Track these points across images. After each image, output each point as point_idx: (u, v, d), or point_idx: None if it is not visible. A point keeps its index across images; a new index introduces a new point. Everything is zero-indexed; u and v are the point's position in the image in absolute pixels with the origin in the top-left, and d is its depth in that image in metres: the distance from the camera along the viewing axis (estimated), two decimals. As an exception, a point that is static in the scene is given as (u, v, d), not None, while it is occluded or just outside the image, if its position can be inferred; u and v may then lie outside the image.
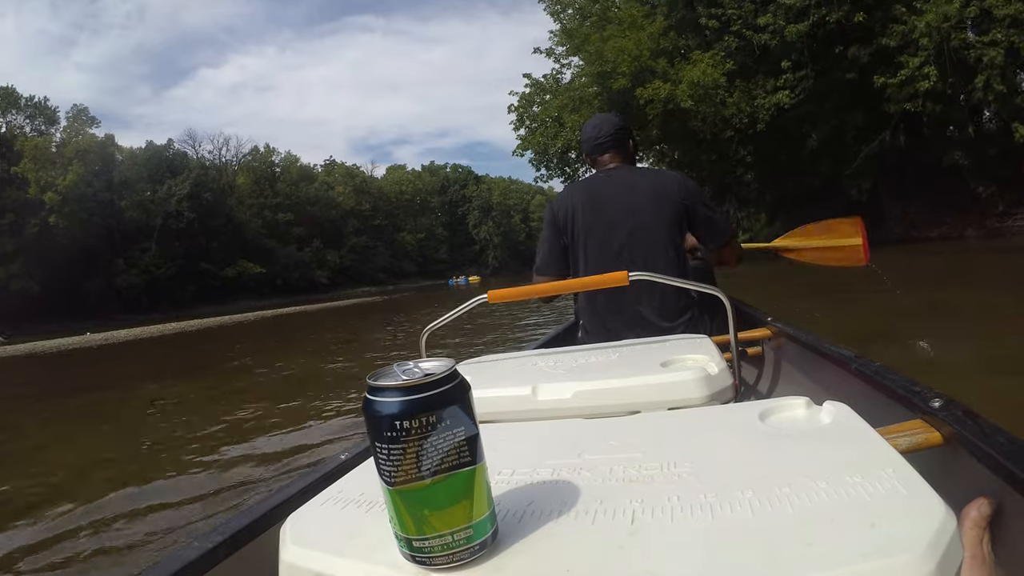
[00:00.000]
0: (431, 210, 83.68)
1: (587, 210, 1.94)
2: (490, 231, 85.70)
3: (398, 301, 29.98)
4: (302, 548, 0.51)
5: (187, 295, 51.27)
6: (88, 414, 6.05)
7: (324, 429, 4.12)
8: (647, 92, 18.97)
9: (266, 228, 60.71)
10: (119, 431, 5.07)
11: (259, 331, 18.06)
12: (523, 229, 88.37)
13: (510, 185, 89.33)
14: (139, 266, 50.16)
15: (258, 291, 55.12)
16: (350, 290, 60.99)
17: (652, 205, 1.89)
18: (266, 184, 63.45)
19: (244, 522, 0.84)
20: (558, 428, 0.78)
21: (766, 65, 19.46)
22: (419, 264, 77.94)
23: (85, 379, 9.69)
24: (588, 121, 2.17)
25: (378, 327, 13.82)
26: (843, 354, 1.24)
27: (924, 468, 0.49)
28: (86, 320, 39.02)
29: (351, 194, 71.42)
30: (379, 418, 0.43)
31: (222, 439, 4.16)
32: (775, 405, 0.69)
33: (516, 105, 25.07)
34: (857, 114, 19.05)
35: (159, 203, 52.18)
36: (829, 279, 7.56)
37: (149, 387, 7.42)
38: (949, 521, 0.41)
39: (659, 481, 0.54)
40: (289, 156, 69.08)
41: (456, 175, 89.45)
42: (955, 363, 3.60)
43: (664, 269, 1.76)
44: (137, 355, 14.02)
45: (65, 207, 44.21)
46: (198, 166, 57.33)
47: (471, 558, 0.45)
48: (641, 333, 1.63)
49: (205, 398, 6.19)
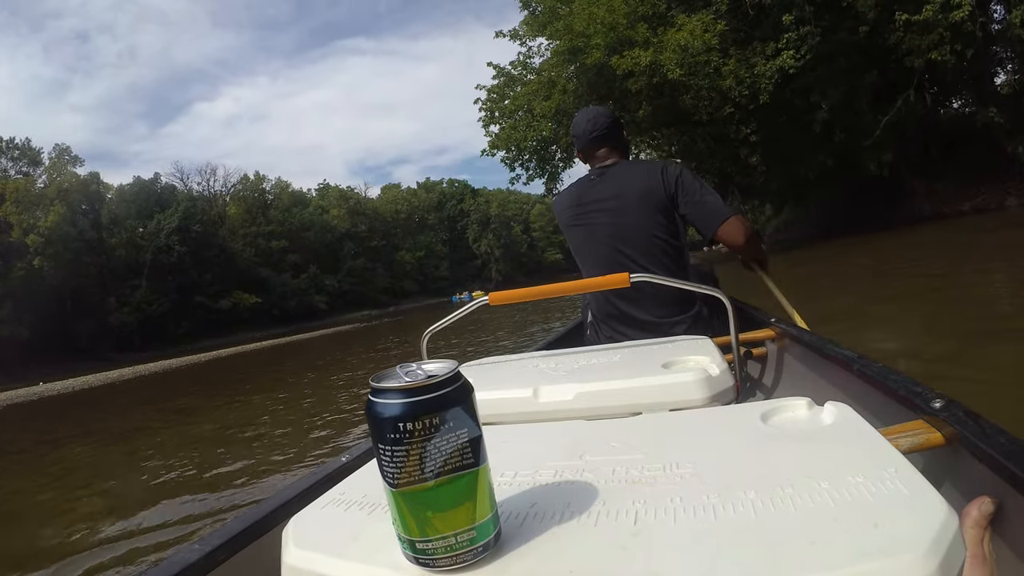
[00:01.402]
0: (429, 227, 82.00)
1: (579, 215, 1.98)
2: (491, 244, 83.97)
3: (378, 329, 28.47)
4: (304, 550, 0.52)
5: (182, 331, 50.52)
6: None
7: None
8: (626, 62, 16.20)
9: (260, 257, 59.77)
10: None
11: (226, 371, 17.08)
12: (525, 240, 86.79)
13: (508, 196, 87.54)
14: (131, 304, 49.69)
15: (255, 322, 54.05)
16: (350, 314, 59.70)
17: (640, 205, 1.88)
18: (258, 212, 62.57)
19: (246, 524, 0.83)
20: (560, 430, 0.78)
21: (763, 30, 17.07)
22: (420, 283, 76.25)
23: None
24: (578, 115, 2.11)
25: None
26: (845, 355, 1.21)
27: (926, 468, 0.52)
28: (79, 362, 38.40)
29: (346, 216, 70.15)
30: (382, 420, 0.43)
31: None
32: (777, 406, 0.69)
33: (484, 100, 22.11)
34: (871, 75, 16.65)
35: (148, 238, 51.69)
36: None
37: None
38: (951, 521, 0.41)
39: (661, 482, 0.54)
40: (280, 182, 68.10)
41: (453, 190, 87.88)
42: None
43: (662, 270, 1.83)
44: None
45: (49, 248, 43.75)
46: (186, 198, 56.65)
47: (474, 560, 0.45)
48: (643, 334, 1.71)
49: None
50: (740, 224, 1.89)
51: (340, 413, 5.48)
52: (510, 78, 22.00)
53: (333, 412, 5.60)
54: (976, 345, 3.43)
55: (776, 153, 19.86)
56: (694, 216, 1.88)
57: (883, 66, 16.59)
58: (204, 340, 46.76)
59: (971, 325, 3.94)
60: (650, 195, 1.86)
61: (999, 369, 2.92)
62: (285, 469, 3.87)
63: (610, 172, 1.96)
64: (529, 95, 20.02)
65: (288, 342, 27.09)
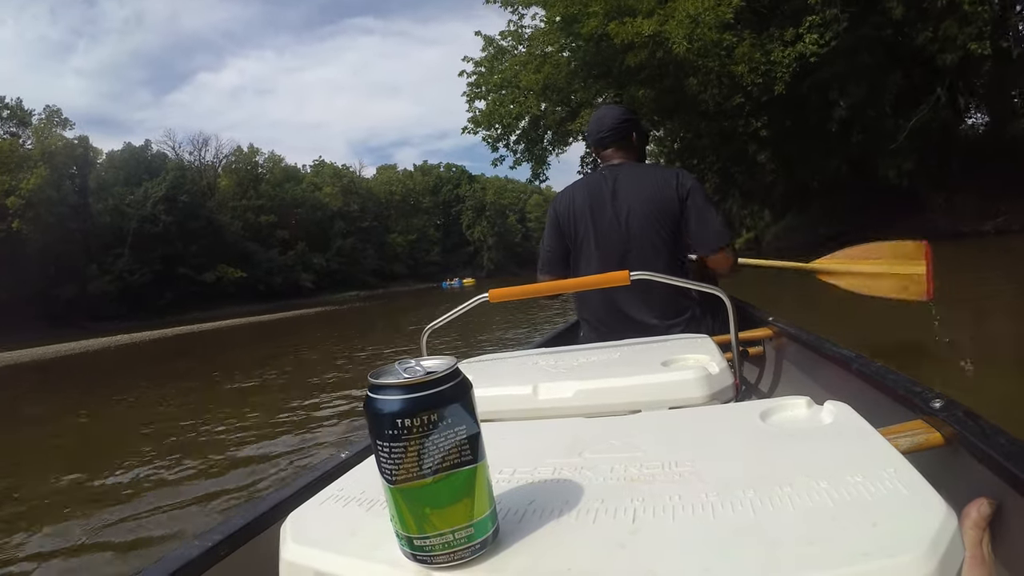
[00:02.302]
0: (423, 211, 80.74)
1: (586, 212, 1.96)
2: (484, 232, 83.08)
3: (361, 313, 27.62)
4: (303, 546, 0.52)
5: (164, 302, 49.57)
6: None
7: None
8: (625, 30, 14.14)
9: (248, 231, 58.74)
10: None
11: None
12: (519, 230, 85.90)
13: (506, 185, 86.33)
14: (112, 272, 48.52)
15: (239, 297, 53.03)
16: (337, 294, 58.84)
17: (648, 207, 1.88)
18: (249, 185, 61.38)
19: (245, 520, 0.84)
20: (559, 427, 0.78)
21: (780, 17, 15.66)
22: (410, 267, 75.25)
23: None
24: (594, 112, 2.17)
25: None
26: (844, 354, 1.24)
27: (925, 468, 0.50)
28: (56, 329, 37.53)
29: (339, 195, 68.95)
30: (380, 416, 0.43)
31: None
32: (776, 405, 0.69)
33: (470, 72, 19.64)
34: (895, 75, 15.34)
35: (134, 206, 50.25)
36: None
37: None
38: (950, 521, 0.41)
39: (660, 480, 0.54)
40: (273, 156, 66.79)
41: (449, 175, 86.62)
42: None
43: (664, 269, 1.77)
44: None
45: (29, 212, 42.32)
46: (176, 167, 55.37)
47: (472, 557, 0.45)
48: (642, 333, 1.65)
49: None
50: (732, 255, 1.94)
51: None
52: (499, 50, 19.67)
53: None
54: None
55: (786, 152, 18.58)
56: (695, 230, 1.88)
57: (908, 67, 15.40)
58: (186, 313, 45.86)
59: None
60: (661, 200, 1.87)
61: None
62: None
63: (619, 172, 1.96)
64: (517, 67, 18.25)
65: (271, 320, 26.10)
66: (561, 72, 17.13)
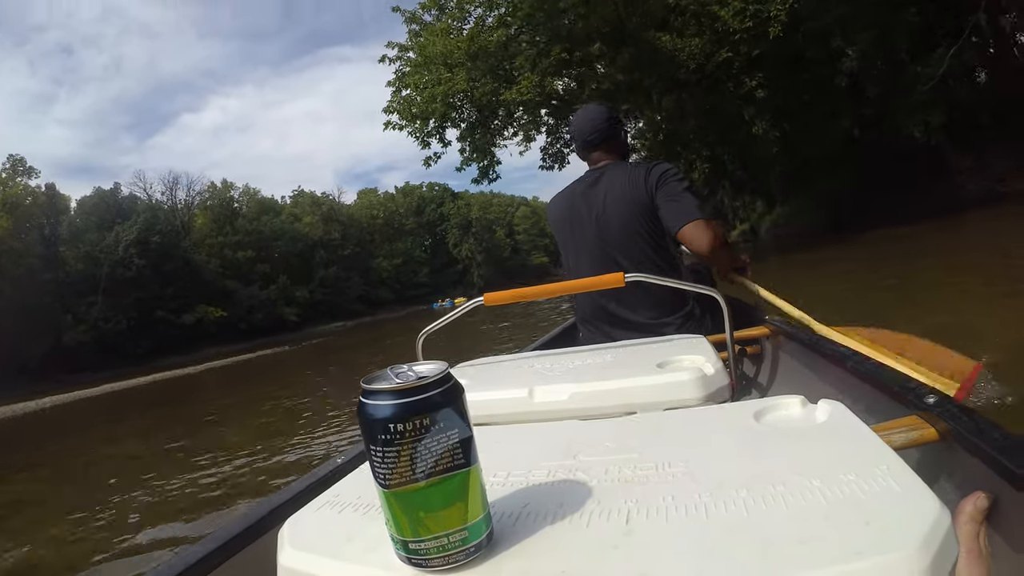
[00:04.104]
0: (407, 233, 78.82)
1: (572, 219, 1.99)
2: (472, 249, 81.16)
3: (338, 347, 25.78)
4: (300, 552, 0.53)
5: (141, 349, 47.34)
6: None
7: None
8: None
9: (227, 268, 56.68)
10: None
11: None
12: (508, 244, 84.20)
13: (491, 199, 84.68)
14: (87, 322, 46.57)
15: (220, 337, 50.75)
16: (323, 326, 56.74)
17: (625, 207, 1.88)
18: (225, 221, 59.46)
19: (242, 526, 0.84)
20: (554, 430, 0.78)
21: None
22: (397, 291, 72.80)
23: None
24: (577, 113, 2.14)
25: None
26: (840, 352, 1.23)
27: (920, 465, 0.52)
28: (33, 384, 35.53)
29: (319, 223, 66.96)
30: (373, 421, 0.44)
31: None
32: (770, 404, 0.69)
33: (392, 59, 17.02)
34: (907, 12, 12.74)
35: (106, 252, 48.44)
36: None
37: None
38: (943, 517, 0.41)
39: (654, 481, 0.54)
40: (248, 190, 64.88)
41: (432, 194, 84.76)
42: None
43: (653, 270, 1.80)
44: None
45: (-8, 264, 40.26)
46: (147, 209, 53.76)
47: (466, 560, 0.46)
48: (637, 334, 1.66)
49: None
50: (707, 228, 1.79)
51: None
52: (425, 28, 16.77)
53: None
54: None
55: (787, 114, 16.01)
56: (664, 214, 1.83)
57: (921, 3, 12.92)
58: (165, 357, 43.68)
59: None
60: (633, 197, 1.86)
61: None
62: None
63: (604, 175, 1.98)
64: (435, 38, 15.51)
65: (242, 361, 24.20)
66: (492, 36, 14.57)
